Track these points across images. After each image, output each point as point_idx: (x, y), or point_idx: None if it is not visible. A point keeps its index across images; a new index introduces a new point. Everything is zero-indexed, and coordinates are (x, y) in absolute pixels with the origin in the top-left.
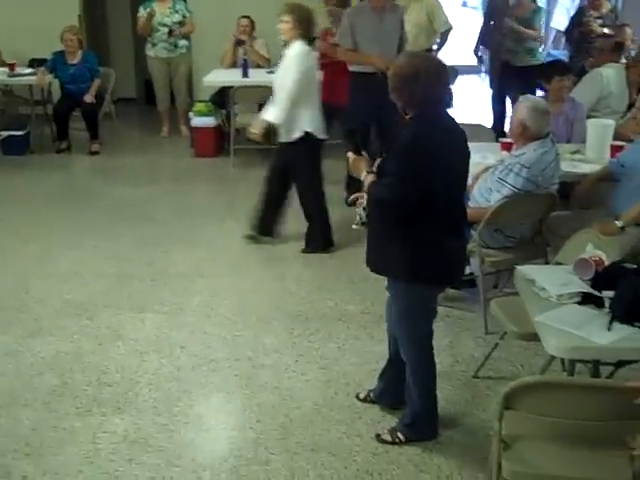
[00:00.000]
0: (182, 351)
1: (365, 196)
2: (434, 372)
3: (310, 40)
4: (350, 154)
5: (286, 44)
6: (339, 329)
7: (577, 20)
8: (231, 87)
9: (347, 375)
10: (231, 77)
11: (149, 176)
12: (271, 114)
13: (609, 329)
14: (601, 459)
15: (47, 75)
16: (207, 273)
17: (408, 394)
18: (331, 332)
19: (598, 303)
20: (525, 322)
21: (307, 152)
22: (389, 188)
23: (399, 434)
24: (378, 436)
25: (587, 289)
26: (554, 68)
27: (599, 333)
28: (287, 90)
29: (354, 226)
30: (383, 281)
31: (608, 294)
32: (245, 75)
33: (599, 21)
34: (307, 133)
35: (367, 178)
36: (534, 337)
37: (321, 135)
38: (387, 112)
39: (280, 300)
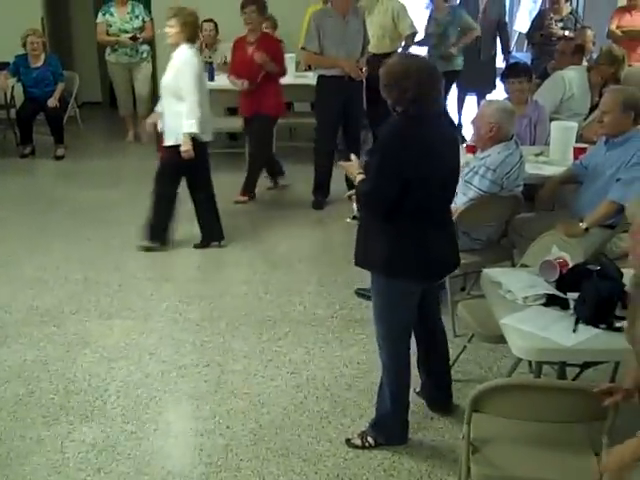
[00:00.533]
0: (151, 357)
1: None
2: (407, 378)
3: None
4: (341, 162)
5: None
6: (308, 333)
7: (538, 23)
8: None
9: (316, 380)
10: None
11: (115, 180)
12: (189, 126)
13: (574, 331)
14: (569, 461)
15: (10, 79)
16: (175, 278)
17: (380, 394)
18: (300, 337)
19: (563, 304)
20: (492, 324)
21: (194, 154)
22: (369, 181)
23: (369, 438)
24: (348, 440)
25: (552, 291)
26: (508, 70)
27: (564, 335)
28: (191, 97)
29: (347, 220)
30: (352, 285)
31: (573, 295)
32: (211, 79)
33: (560, 24)
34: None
35: (357, 178)
36: (501, 339)
37: (207, 138)
38: (354, 113)
39: (249, 305)
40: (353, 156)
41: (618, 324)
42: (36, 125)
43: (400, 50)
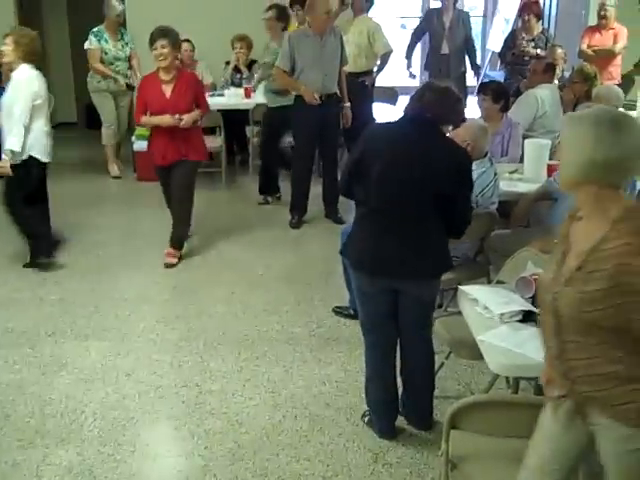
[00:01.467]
0: (128, 378)
1: None
2: (370, 373)
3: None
4: None
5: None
6: (286, 352)
7: (510, 43)
8: None
9: (295, 398)
10: None
11: (91, 200)
12: (10, 144)
13: None
14: None
15: None
16: (151, 298)
17: None
18: (278, 355)
19: (539, 321)
20: (469, 341)
21: (29, 174)
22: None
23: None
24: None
25: (528, 307)
26: (479, 86)
27: (541, 351)
28: (18, 116)
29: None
30: (330, 303)
31: None
32: None
33: (532, 43)
34: (31, 156)
35: None
36: (479, 356)
37: (45, 158)
38: (330, 133)
39: (226, 324)
40: None
41: None
42: None
43: (375, 69)
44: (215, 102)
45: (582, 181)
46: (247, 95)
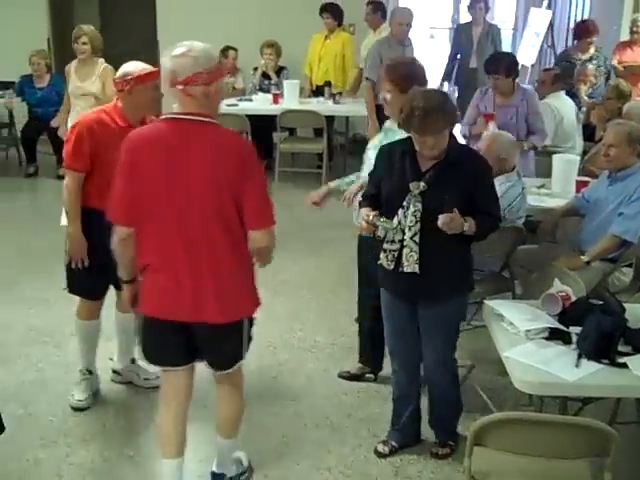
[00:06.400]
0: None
1: None
2: (397, 393)
3: None
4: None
5: None
6: (308, 360)
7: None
8: None
9: (316, 407)
10: None
11: None
12: None
13: (577, 365)
14: None
15: (14, 98)
16: None
17: None
18: (300, 363)
19: (565, 339)
20: (494, 356)
21: None
22: (497, 208)
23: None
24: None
25: (555, 324)
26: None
27: (567, 369)
28: None
29: None
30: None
31: (575, 330)
32: None
33: (591, 64)
34: None
35: (465, 225)
36: (503, 371)
37: None
38: None
39: None
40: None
41: (620, 360)
42: (39, 144)
43: None
44: (243, 107)
45: None
46: (275, 101)
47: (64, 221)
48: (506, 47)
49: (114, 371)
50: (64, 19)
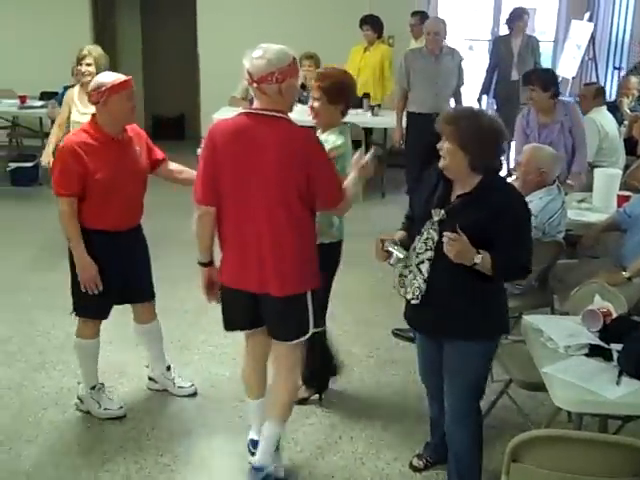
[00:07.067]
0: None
1: None
2: (431, 418)
3: None
4: (449, 235)
5: None
6: (344, 372)
7: (623, 88)
8: None
9: (351, 419)
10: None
11: (155, 211)
12: None
13: (618, 383)
14: None
15: (57, 108)
16: (212, 311)
17: None
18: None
19: (606, 356)
20: (531, 371)
21: None
22: (525, 251)
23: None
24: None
25: (595, 341)
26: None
27: (607, 387)
28: None
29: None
30: (389, 325)
31: (616, 347)
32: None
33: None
34: None
35: (476, 258)
36: (540, 387)
37: None
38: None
39: None
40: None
41: None
42: None
43: None
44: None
45: None
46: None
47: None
48: (546, 59)
49: (150, 378)
50: (106, 31)
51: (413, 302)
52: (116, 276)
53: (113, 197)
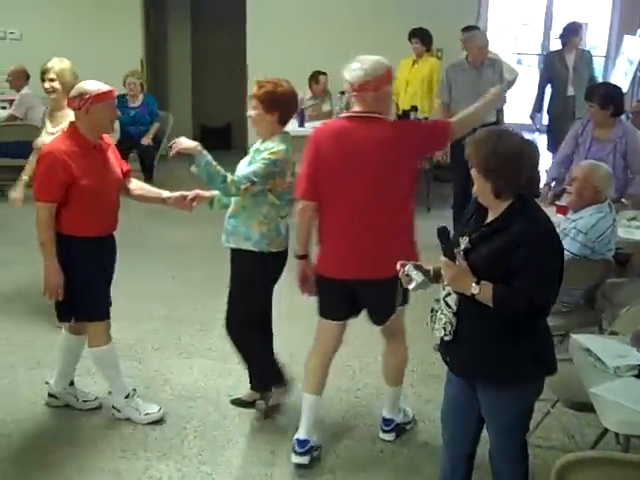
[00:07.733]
0: (229, 399)
1: None
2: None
3: None
4: (445, 260)
5: None
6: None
7: None
8: None
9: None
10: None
11: (204, 219)
12: None
13: None
14: None
15: None
16: None
17: None
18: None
19: None
20: (578, 391)
21: None
22: (544, 287)
23: None
24: None
25: None
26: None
27: None
28: None
29: None
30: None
31: None
32: (301, 125)
33: None
34: None
35: (475, 289)
36: (587, 407)
37: None
38: None
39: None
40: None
41: None
42: (129, 162)
43: None
44: None
45: None
46: None
47: None
48: (597, 75)
49: (50, 395)
50: (157, 41)
51: (446, 338)
52: (102, 278)
53: (98, 203)
